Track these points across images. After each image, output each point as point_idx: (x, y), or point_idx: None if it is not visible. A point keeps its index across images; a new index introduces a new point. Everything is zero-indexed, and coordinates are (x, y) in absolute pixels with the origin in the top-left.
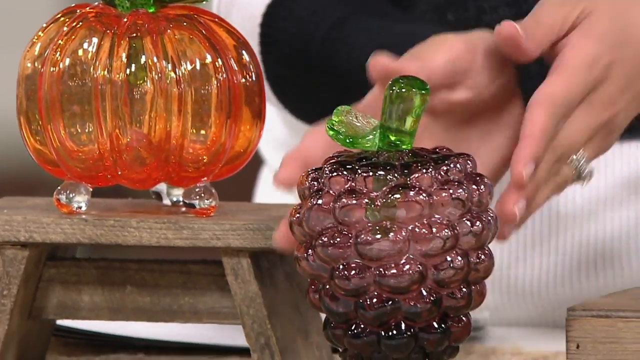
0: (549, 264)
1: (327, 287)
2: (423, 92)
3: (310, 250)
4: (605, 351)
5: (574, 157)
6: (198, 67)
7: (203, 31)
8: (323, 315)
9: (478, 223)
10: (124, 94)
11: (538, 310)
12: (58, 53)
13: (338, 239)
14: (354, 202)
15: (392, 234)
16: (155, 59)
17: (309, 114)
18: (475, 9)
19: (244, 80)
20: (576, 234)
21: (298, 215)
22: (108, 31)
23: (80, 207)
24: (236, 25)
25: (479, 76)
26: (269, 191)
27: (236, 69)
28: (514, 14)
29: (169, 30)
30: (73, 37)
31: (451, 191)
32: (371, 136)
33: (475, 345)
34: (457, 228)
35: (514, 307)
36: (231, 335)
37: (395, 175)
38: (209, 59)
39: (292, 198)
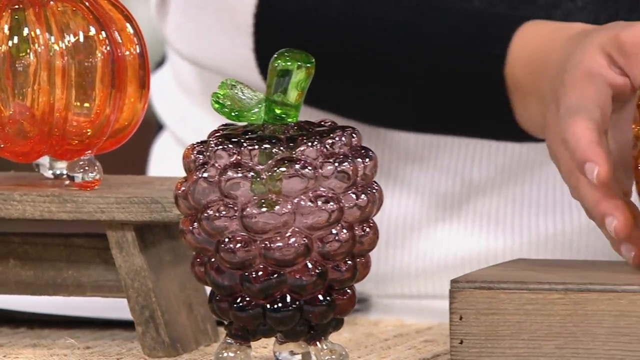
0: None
1: (213, 260)
2: (308, 65)
3: (195, 224)
4: (487, 322)
5: None
6: (82, 39)
7: (87, 3)
8: (208, 289)
9: (363, 196)
10: (6, 66)
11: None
12: None
13: (224, 212)
14: (240, 175)
15: (277, 207)
16: (38, 31)
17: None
18: None
19: (128, 52)
20: (486, 201)
21: (183, 188)
22: None
23: None
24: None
25: None
26: (164, 154)
27: (120, 41)
28: None
29: (52, 2)
30: None
31: (336, 164)
32: (257, 109)
33: (360, 318)
34: (343, 201)
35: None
36: (115, 308)
37: (281, 148)
38: (92, 32)
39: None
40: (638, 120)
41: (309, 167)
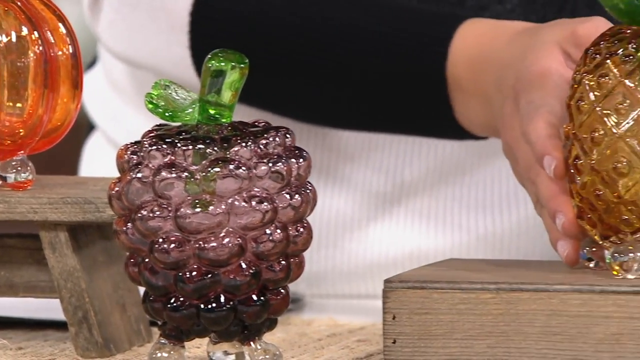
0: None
1: (147, 260)
2: (242, 65)
3: (129, 224)
4: (420, 322)
5: None
6: (14, 39)
7: (19, 3)
8: (142, 289)
9: (297, 196)
10: None
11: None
12: None
13: (157, 213)
14: (174, 175)
15: (211, 207)
16: None
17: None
18: None
19: (60, 52)
20: (418, 200)
21: (117, 189)
22: None
23: None
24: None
25: None
26: (95, 155)
27: (53, 41)
28: None
29: None
30: None
31: (270, 165)
32: (190, 110)
33: (293, 317)
34: (277, 201)
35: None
36: (48, 309)
37: (215, 148)
38: (25, 32)
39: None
40: (569, 120)
41: (243, 168)
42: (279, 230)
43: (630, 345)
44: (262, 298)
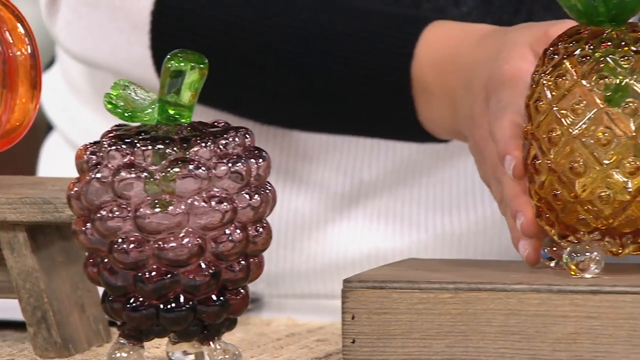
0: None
1: (106, 260)
2: (201, 66)
3: (88, 224)
4: (379, 322)
5: None
6: None
7: None
8: (101, 289)
9: (256, 196)
10: None
11: None
12: None
13: (117, 213)
14: (133, 176)
15: (171, 207)
16: None
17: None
18: None
19: (19, 53)
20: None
21: (76, 189)
22: None
23: None
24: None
25: None
26: (54, 155)
27: (11, 41)
28: None
29: None
30: None
31: (230, 165)
32: (150, 110)
33: (253, 317)
34: (236, 201)
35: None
36: (7, 309)
37: (175, 149)
38: None
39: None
40: (528, 119)
41: (203, 168)
42: (238, 231)
43: (587, 344)
44: (221, 298)
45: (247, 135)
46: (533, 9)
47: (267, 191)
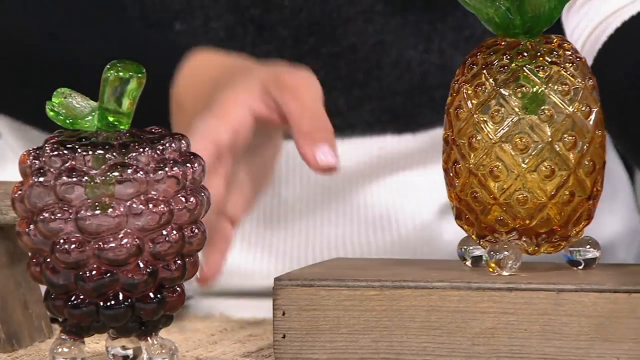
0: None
1: (48, 260)
2: (139, 75)
3: (31, 226)
4: (308, 318)
5: None
6: None
7: None
8: (43, 287)
9: (192, 199)
10: None
11: None
12: None
13: (59, 215)
14: (74, 179)
15: (110, 209)
16: None
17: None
18: (202, 17)
19: None
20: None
21: (20, 192)
22: None
23: None
24: None
25: None
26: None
27: None
28: (236, 21)
29: None
30: None
31: (167, 169)
32: (90, 117)
33: (188, 314)
34: (173, 204)
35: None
36: None
37: (114, 154)
38: None
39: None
40: (446, 126)
41: (141, 172)
42: (174, 232)
43: (504, 339)
44: (158, 296)
45: (183, 142)
46: (442, 47)
47: (203, 194)
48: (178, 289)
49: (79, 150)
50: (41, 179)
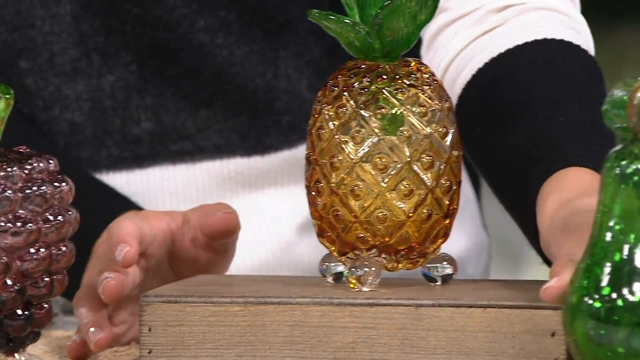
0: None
1: None
2: (7, 96)
3: None
4: (174, 333)
5: None
6: None
7: None
8: None
9: (60, 218)
10: None
11: None
12: None
13: None
14: None
15: None
16: None
17: None
18: (47, 53)
19: None
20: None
21: None
22: None
23: None
24: None
25: None
26: None
27: None
28: (81, 53)
29: None
30: None
31: (35, 188)
32: None
33: (54, 330)
34: (40, 222)
35: None
36: None
37: None
38: None
39: None
40: (309, 146)
41: (9, 191)
42: (42, 250)
43: (365, 353)
44: (26, 312)
45: (51, 161)
46: (289, 73)
47: (70, 213)
48: (45, 305)
49: None
50: None
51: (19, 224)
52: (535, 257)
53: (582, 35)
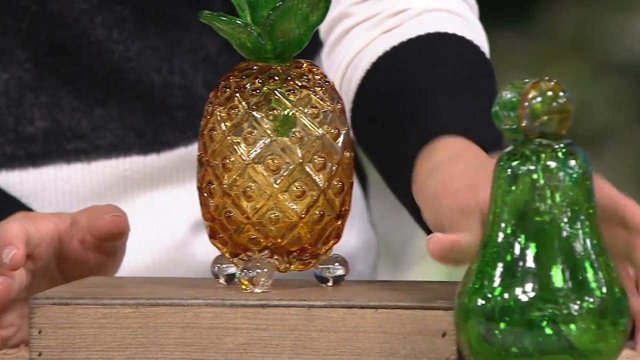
0: None
1: None
2: None
3: None
4: (64, 335)
5: None
6: None
7: None
8: None
9: None
10: None
11: None
12: None
13: None
14: None
15: None
16: None
17: None
18: None
19: None
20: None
21: None
22: None
23: None
24: None
25: None
26: None
27: None
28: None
29: None
30: None
31: None
32: None
33: None
34: None
35: None
36: None
37: None
38: None
39: None
40: (200, 147)
41: None
42: None
43: (257, 354)
44: None
45: None
46: (184, 69)
47: None
48: None
49: None
50: None
51: None
52: (416, 257)
53: (475, 32)
